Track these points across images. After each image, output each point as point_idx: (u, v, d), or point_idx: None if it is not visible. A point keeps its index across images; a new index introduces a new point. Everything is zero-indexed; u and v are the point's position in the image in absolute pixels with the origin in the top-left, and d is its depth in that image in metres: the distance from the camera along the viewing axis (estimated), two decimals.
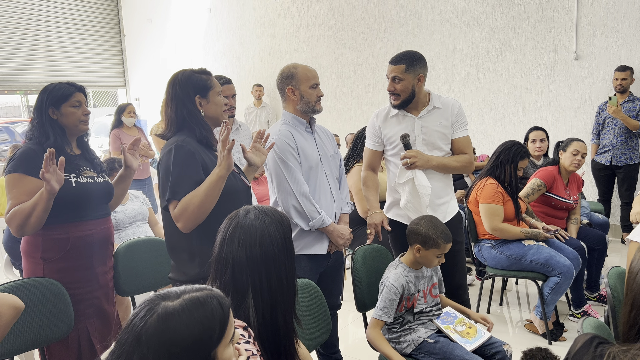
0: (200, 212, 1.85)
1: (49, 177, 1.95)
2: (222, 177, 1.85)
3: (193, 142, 1.94)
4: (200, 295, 1.02)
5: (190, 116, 2.00)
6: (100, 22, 9.37)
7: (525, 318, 3.55)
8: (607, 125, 4.92)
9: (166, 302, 0.98)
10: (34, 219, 2.04)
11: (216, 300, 1.03)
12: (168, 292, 1.02)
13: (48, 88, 2.21)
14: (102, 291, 2.33)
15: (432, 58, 6.02)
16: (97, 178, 2.30)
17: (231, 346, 1.07)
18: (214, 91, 2.07)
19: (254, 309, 1.35)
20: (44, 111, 2.18)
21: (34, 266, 2.19)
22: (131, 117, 5.26)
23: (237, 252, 1.37)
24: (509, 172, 3.28)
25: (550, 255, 3.12)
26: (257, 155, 2.24)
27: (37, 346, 2.10)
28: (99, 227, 2.29)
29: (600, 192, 5.10)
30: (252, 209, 1.45)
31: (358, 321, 3.60)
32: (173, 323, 0.96)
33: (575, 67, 5.38)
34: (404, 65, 2.47)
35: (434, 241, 2.17)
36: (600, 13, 5.17)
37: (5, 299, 1.84)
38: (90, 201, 2.23)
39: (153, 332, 0.95)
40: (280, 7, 7.51)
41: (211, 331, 0.99)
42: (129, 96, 9.78)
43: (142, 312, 0.97)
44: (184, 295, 1.01)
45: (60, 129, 2.21)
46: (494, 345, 2.20)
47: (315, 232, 2.44)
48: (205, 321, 0.99)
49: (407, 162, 2.45)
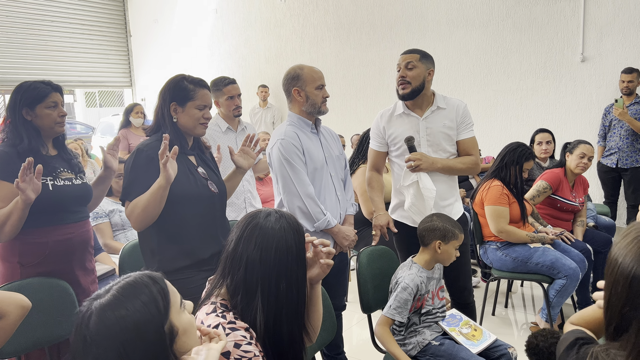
0: (145, 215, 1.90)
1: (24, 186, 1.88)
2: (162, 187, 1.87)
3: (158, 147, 1.93)
4: (129, 280, 1.05)
5: (163, 119, 2.06)
6: (107, 23, 9.41)
7: (531, 320, 3.54)
8: (613, 128, 4.90)
9: (99, 300, 1.01)
10: (9, 227, 1.98)
11: (146, 276, 1.05)
12: (97, 292, 1.04)
13: (22, 87, 2.12)
14: (83, 295, 2.23)
15: (438, 59, 5.99)
16: (74, 180, 2.23)
17: (186, 312, 1.09)
18: (193, 102, 2.04)
19: (261, 311, 1.35)
20: (18, 112, 2.08)
21: (10, 271, 2.11)
22: (139, 118, 5.29)
23: (252, 253, 1.36)
24: (514, 174, 3.27)
25: (556, 257, 3.10)
26: (245, 159, 2.30)
27: (43, 345, 2.10)
28: (79, 230, 2.22)
29: (606, 194, 5.07)
30: (273, 212, 1.44)
31: (363, 322, 3.60)
32: (111, 314, 0.98)
33: (581, 69, 5.35)
34: (418, 55, 2.49)
35: (452, 233, 2.20)
36: (607, 15, 5.15)
37: (12, 297, 1.85)
38: (68, 204, 2.17)
39: (96, 330, 0.96)
40: (286, 8, 7.52)
41: (155, 304, 1.01)
42: (135, 96, 9.82)
43: (80, 318, 1.00)
44: (113, 287, 1.04)
45: (34, 131, 2.11)
46: (499, 348, 2.20)
47: (320, 233, 2.44)
48: (143, 297, 1.01)
49: (412, 165, 2.45)
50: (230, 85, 3.24)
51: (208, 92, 2.10)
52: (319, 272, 1.52)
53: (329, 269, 1.53)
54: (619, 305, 1.01)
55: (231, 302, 1.37)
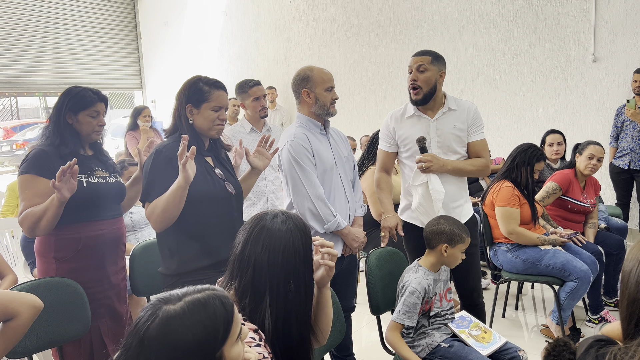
0: (165, 216, 1.92)
1: (60, 186, 1.95)
2: (181, 187, 1.88)
3: (176, 148, 1.95)
4: (202, 297, 1.02)
5: (179, 121, 2.08)
6: (118, 25, 9.48)
7: (541, 323, 3.51)
8: (625, 129, 4.85)
9: (168, 306, 0.98)
10: (45, 222, 2.06)
11: (218, 300, 1.03)
12: (170, 294, 1.02)
13: (72, 92, 2.21)
14: (113, 291, 2.33)
15: (448, 60, 5.96)
16: (109, 178, 2.30)
17: (239, 343, 1.06)
18: (208, 104, 2.06)
19: (269, 313, 1.35)
20: (62, 114, 2.19)
21: (47, 266, 2.20)
22: (147, 122, 5.33)
23: (259, 255, 1.37)
24: (525, 175, 3.24)
25: (567, 259, 3.08)
26: (260, 160, 2.32)
27: (54, 345, 2.12)
28: (111, 227, 2.29)
29: (618, 195, 5.02)
30: (280, 213, 1.44)
31: (372, 324, 3.59)
32: (175, 327, 0.96)
33: (593, 69, 5.31)
34: (429, 57, 2.48)
35: (459, 237, 2.19)
36: (619, 14, 5.10)
37: (25, 298, 1.87)
38: (101, 201, 2.24)
39: (155, 336, 0.95)
40: (295, 9, 7.54)
41: (215, 332, 0.99)
42: (146, 98, 9.89)
43: (145, 317, 0.98)
44: (186, 297, 1.01)
45: (74, 133, 2.22)
46: (509, 351, 2.18)
47: (329, 234, 2.44)
48: (207, 322, 0.99)
49: (423, 166, 2.44)
50: (255, 87, 3.30)
51: (224, 93, 2.11)
52: (323, 275, 1.52)
53: (332, 270, 1.52)
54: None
55: (240, 304, 1.37)
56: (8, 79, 8.20)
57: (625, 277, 1.10)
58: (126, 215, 3.36)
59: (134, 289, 2.57)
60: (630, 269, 1.09)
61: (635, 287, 1.04)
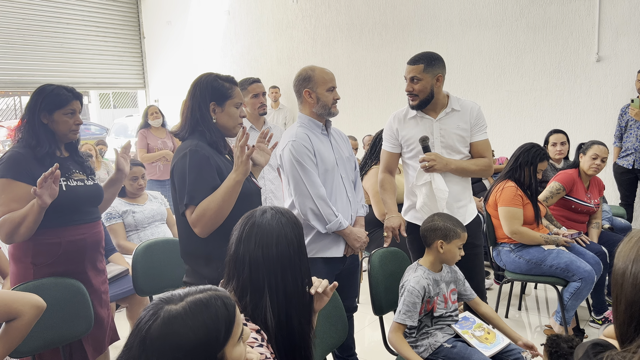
0: (218, 217, 1.87)
1: (42, 192, 1.90)
2: (239, 182, 1.86)
3: (206, 147, 1.95)
4: (204, 297, 1.02)
5: (202, 120, 2.02)
6: (121, 25, 9.50)
7: (545, 323, 3.50)
8: (629, 128, 4.82)
9: (169, 306, 0.99)
10: (24, 228, 1.99)
11: (220, 300, 1.03)
12: (172, 294, 1.02)
13: (45, 90, 2.13)
14: (94, 295, 2.27)
15: (451, 60, 5.97)
16: (87, 181, 2.25)
17: (241, 344, 1.06)
18: (231, 101, 2.05)
19: (270, 309, 1.35)
20: (37, 114, 2.10)
21: (23, 271, 2.13)
22: (156, 119, 5.37)
23: (253, 251, 1.38)
24: (528, 175, 3.23)
25: (571, 260, 3.07)
26: (262, 155, 2.29)
27: (58, 344, 2.13)
28: (91, 230, 2.24)
29: (622, 195, 5.00)
30: (269, 209, 1.46)
31: (374, 324, 3.59)
32: (176, 327, 0.96)
33: (597, 69, 5.29)
34: (422, 65, 2.47)
35: (454, 232, 2.18)
36: (623, 14, 5.08)
37: (27, 298, 1.87)
38: (80, 205, 2.18)
39: (157, 336, 0.95)
40: (298, 9, 7.53)
41: (216, 333, 0.99)
42: (149, 98, 9.90)
43: (146, 317, 0.98)
44: (187, 297, 1.01)
45: (50, 133, 2.14)
46: (512, 352, 2.17)
47: (331, 234, 2.44)
48: (209, 323, 0.99)
49: (426, 165, 2.44)
50: (255, 84, 3.29)
51: (239, 90, 2.11)
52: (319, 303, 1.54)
53: (328, 298, 1.54)
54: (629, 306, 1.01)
55: (240, 304, 1.37)
56: (12, 78, 8.22)
57: (618, 279, 1.05)
58: (129, 215, 3.36)
59: (136, 288, 2.57)
60: (623, 271, 1.05)
61: (633, 289, 1.01)
